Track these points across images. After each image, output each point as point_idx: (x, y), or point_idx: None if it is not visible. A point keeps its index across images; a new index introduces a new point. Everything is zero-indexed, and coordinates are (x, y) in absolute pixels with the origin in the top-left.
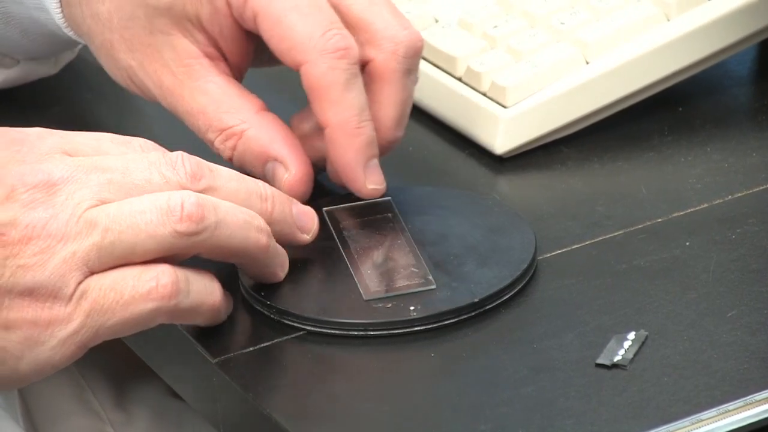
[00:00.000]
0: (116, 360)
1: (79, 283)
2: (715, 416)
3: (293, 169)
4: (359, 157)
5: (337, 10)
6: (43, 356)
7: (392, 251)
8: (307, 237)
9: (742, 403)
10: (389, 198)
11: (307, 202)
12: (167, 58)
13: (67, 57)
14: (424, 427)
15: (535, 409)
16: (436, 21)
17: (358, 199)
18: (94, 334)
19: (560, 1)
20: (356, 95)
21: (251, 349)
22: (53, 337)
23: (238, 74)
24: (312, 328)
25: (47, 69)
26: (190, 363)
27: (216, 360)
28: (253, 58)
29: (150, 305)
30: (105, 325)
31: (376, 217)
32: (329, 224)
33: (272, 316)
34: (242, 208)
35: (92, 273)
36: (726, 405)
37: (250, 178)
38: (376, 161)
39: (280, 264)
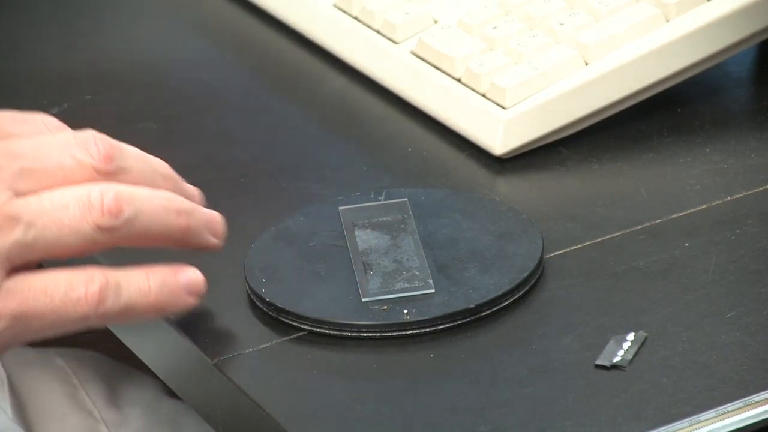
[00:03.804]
0: (109, 359)
1: (2, 279)
2: (715, 417)
3: None
4: None
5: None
6: None
7: (398, 253)
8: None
9: (741, 404)
10: (405, 200)
11: (324, 200)
12: None
13: None
14: (423, 428)
15: (534, 411)
16: (436, 22)
17: (375, 199)
18: (20, 334)
19: (559, 3)
20: None
21: (251, 349)
22: None
23: None
24: (309, 328)
25: None
26: (190, 363)
27: (216, 360)
28: None
29: (79, 311)
30: (32, 328)
31: (389, 218)
32: (342, 223)
33: (271, 313)
34: (158, 193)
35: (14, 269)
36: (725, 406)
37: (152, 156)
38: None
39: (211, 232)
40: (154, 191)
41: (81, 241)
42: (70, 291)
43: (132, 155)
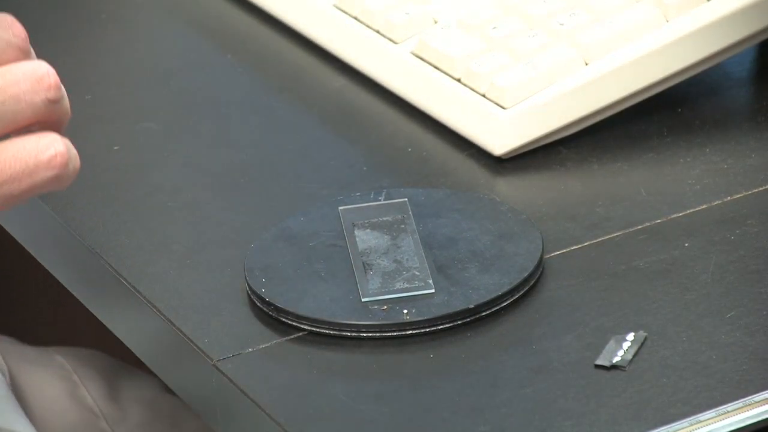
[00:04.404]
0: (108, 357)
1: None
2: (714, 417)
3: None
4: None
5: None
6: None
7: (398, 253)
8: None
9: (741, 404)
10: (405, 200)
11: (324, 200)
12: None
13: None
14: (423, 428)
15: (534, 411)
16: (436, 22)
17: (375, 199)
18: (3, 203)
19: (559, 3)
20: None
21: (251, 349)
22: None
23: None
24: (309, 328)
25: None
26: (190, 363)
27: (216, 360)
28: None
29: (51, 173)
30: (13, 194)
31: (389, 218)
32: (342, 223)
33: (271, 313)
34: None
35: None
36: (725, 406)
37: None
38: None
39: None
40: None
41: (33, 114)
42: (39, 154)
43: None
